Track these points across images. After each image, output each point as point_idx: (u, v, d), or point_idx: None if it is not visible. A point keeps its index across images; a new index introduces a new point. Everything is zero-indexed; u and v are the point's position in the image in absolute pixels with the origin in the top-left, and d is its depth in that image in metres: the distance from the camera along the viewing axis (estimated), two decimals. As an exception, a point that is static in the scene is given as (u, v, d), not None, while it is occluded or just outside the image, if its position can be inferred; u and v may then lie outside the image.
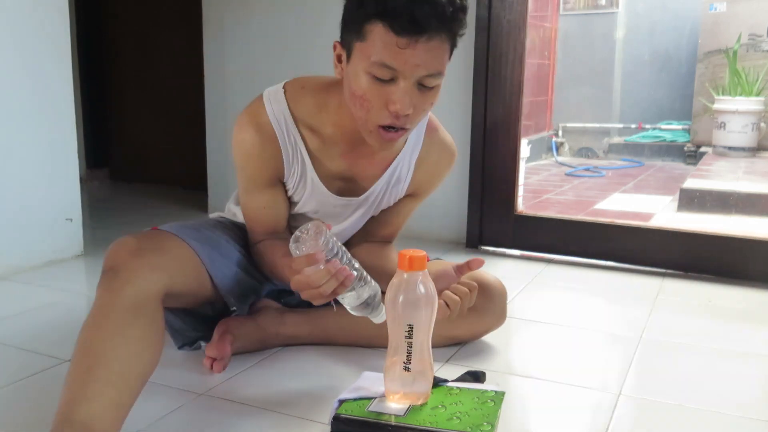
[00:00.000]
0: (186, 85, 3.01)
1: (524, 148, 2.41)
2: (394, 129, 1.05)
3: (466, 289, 1.12)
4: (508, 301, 1.34)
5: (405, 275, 0.96)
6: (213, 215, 1.40)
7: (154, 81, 3.32)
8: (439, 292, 1.09)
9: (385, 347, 1.00)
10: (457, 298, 1.11)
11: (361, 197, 1.25)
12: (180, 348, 1.27)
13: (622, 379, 1.21)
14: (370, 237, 1.35)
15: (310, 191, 1.22)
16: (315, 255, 0.94)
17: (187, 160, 3.10)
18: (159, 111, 3.33)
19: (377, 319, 1.04)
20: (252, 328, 1.27)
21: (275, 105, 1.15)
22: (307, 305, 1.36)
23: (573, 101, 5.63)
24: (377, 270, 1.16)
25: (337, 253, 0.97)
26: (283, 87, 1.17)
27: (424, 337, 0.98)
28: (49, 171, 1.90)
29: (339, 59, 1.07)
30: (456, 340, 1.34)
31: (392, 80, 1.00)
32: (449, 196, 2.21)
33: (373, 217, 1.34)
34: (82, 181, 2.77)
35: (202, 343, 1.27)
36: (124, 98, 3.45)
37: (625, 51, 5.50)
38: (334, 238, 0.98)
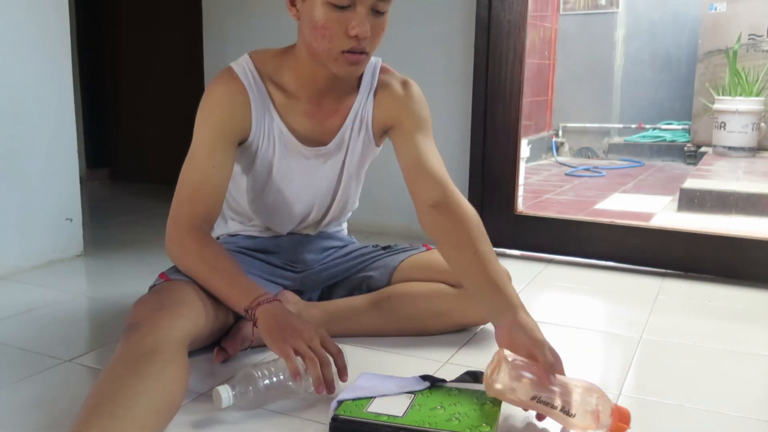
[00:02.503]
0: (186, 85, 3.01)
1: (524, 148, 2.41)
2: (357, 53, 1.12)
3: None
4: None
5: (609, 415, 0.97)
6: None
7: (155, 81, 3.32)
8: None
9: (400, 336, 0.99)
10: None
11: (330, 144, 1.29)
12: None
13: (622, 379, 1.21)
14: (415, 194, 1.27)
15: (281, 146, 1.26)
16: None
17: (187, 160, 3.10)
18: (159, 111, 3.33)
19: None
20: None
21: (243, 67, 1.23)
22: (327, 298, 1.40)
23: (573, 101, 5.63)
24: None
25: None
26: (246, 54, 1.26)
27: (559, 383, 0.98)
28: (49, 171, 1.90)
29: (292, 2, 1.16)
30: (465, 326, 1.41)
31: (350, 6, 1.08)
32: (449, 196, 2.21)
33: (404, 173, 1.28)
34: (82, 181, 2.77)
35: None
36: (124, 98, 3.45)
37: (625, 51, 5.50)
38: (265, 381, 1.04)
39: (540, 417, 1.01)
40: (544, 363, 1.00)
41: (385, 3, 1.11)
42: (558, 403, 0.96)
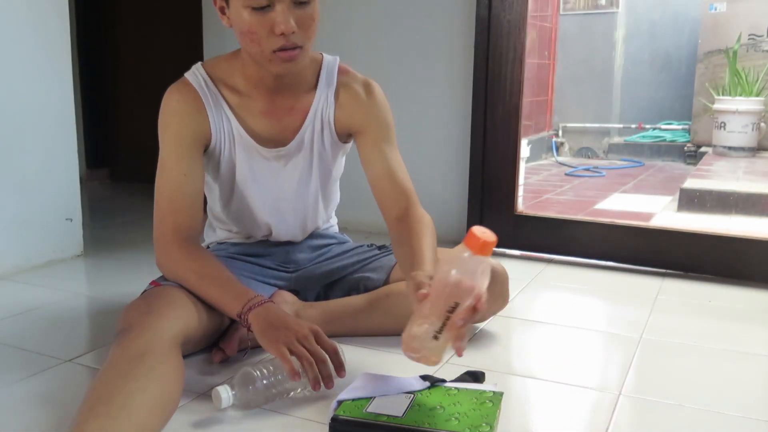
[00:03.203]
0: (186, 85, 3.01)
1: (524, 148, 2.41)
2: (288, 49, 1.12)
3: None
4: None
5: (473, 256, 0.93)
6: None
7: (154, 81, 3.30)
8: None
9: (399, 335, 0.98)
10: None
11: (290, 145, 1.29)
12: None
13: (622, 379, 1.21)
14: (384, 207, 1.32)
15: (240, 148, 1.27)
16: None
17: (187, 160, 3.10)
18: (159, 111, 3.32)
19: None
20: None
21: (195, 74, 1.26)
22: (324, 298, 1.40)
23: (573, 101, 5.63)
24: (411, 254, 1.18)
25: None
26: (198, 63, 1.29)
27: (457, 319, 0.95)
28: (49, 171, 1.90)
29: (222, 11, 1.17)
30: None
31: (269, 6, 1.09)
32: (449, 196, 2.22)
33: (371, 185, 1.32)
34: (82, 181, 2.78)
35: None
36: (124, 98, 3.45)
37: (625, 51, 5.50)
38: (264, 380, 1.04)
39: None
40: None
41: None
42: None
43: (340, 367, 1.08)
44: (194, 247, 1.22)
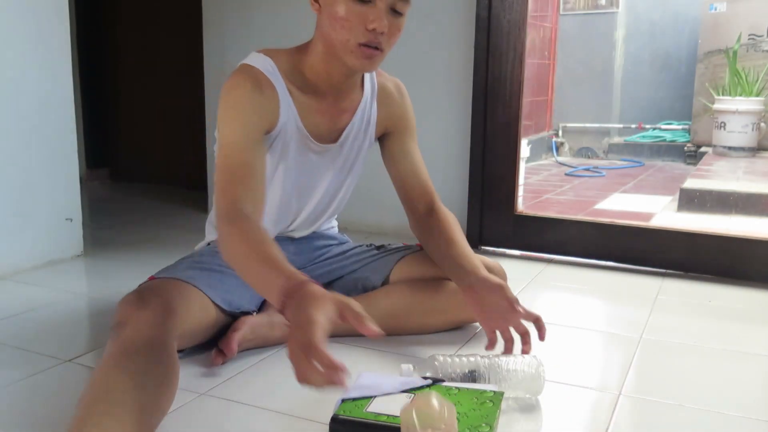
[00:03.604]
0: (186, 85, 3.01)
1: (524, 148, 2.41)
2: (373, 47, 1.16)
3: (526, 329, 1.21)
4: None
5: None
6: (199, 245, 1.43)
7: (155, 81, 3.32)
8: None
9: (398, 335, 0.95)
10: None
11: (337, 142, 1.33)
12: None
13: (622, 379, 1.21)
14: (411, 203, 1.41)
15: (294, 141, 1.27)
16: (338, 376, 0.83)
17: (187, 160, 3.10)
18: (159, 111, 3.33)
19: None
20: (266, 328, 1.29)
21: (261, 61, 1.23)
22: None
23: (573, 101, 5.63)
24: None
25: None
26: (257, 52, 1.26)
27: None
28: (49, 171, 1.90)
29: None
30: (459, 323, 1.43)
31: (370, 1, 1.13)
32: (449, 196, 2.21)
33: (399, 182, 1.40)
34: (82, 181, 2.78)
35: None
36: (124, 98, 3.45)
37: (625, 51, 5.50)
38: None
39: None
40: (510, 298, 1.20)
41: (404, 4, 1.16)
42: None
43: (359, 318, 0.90)
44: (248, 225, 1.08)
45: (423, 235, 1.40)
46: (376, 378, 1.07)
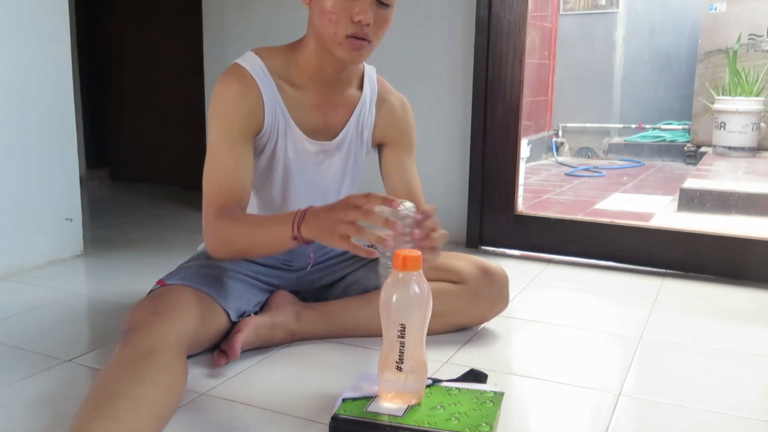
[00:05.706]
0: (186, 85, 3.01)
1: (524, 148, 2.41)
2: (360, 38, 1.18)
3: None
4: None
5: (399, 275, 0.96)
6: (201, 246, 1.43)
7: (154, 81, 3.32)
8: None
9: None
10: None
11: (334, 141, 1.34)
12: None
13: (622, 379, 1.21)
14: None
15: (288, 141, 1.29)
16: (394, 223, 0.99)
17: (187, 160, 3.10)
18: (159, 111, 3.33)
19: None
20: (269, 329, 1.29)
21: (251, 62, 1.26)
22: (323, 299, 1.41)
23: (573, 101, 5.63)
24: None
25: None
26: (251, 51, 1.29)
27: (417, 337, 0.97)
28: (49, 171, 1.90)
29: None
30: (460, 327, 1.41)
31: None
32: (449, 196, 2.22)
33: (395, 194, 1.38)
34: (82, 181, 2.78)
35: None
36: (124, 98, 3.45)
37: (625, 51, 5.50)
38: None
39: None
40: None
41: None
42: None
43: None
44: (234, 212, 1.21)
45: None
46: (376, 378, 1.07)
